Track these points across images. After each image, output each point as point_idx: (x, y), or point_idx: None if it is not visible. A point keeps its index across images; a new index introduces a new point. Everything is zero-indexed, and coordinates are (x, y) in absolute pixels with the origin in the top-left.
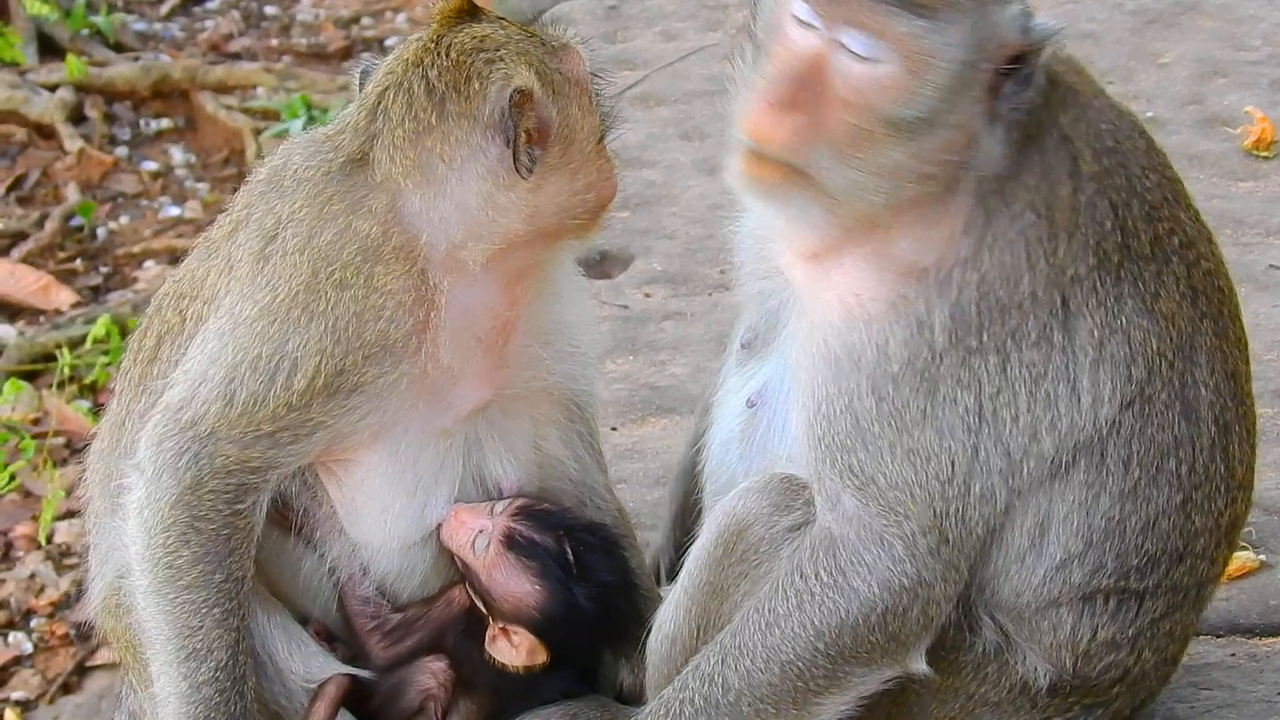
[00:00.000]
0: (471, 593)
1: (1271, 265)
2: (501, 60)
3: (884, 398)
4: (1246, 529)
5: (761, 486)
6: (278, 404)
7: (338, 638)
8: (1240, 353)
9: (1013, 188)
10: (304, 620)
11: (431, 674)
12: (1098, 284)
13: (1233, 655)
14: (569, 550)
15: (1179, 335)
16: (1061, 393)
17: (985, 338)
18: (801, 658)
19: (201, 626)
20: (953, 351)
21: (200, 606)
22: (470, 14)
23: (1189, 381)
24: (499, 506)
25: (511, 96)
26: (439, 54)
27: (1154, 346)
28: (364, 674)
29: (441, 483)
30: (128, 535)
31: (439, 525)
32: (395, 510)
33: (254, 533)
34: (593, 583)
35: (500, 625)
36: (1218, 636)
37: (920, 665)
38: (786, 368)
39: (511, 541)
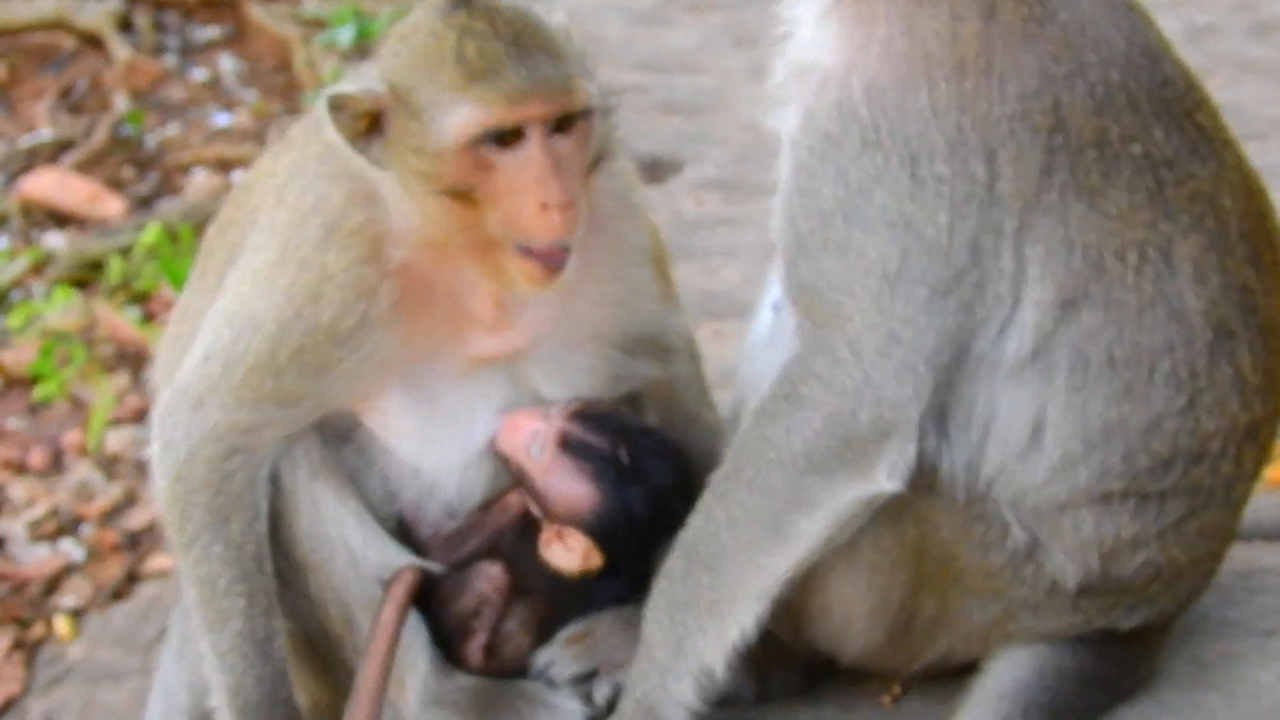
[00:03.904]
0: (527, 497)
1: None
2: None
3: (807, 193)
4: None
5: None
6: (248, 370)
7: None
8: (1257, 270)
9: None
10: None
11: (487, 579)
12: (1021, 141)
13: None
14: (624, 453)
15: (1137, 240)
16: (982, 220)
17: (883, 134)
18: (760, 471)
19: (214, 596)
20: (848, 140)
21: (208, 578)
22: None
23: (1170, 289)
24: (554, 409)
25: (330, 100)
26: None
27: (1095, 241)
28: (434, 567)
29: (479, 409)
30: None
31: (493, 439)
32: (436, 440)
33: (247, 498)
34: (647, 486)
35: (555, 529)
36: (1271, 541)
37: (891, 484)
38: None
39: (567, 444)
